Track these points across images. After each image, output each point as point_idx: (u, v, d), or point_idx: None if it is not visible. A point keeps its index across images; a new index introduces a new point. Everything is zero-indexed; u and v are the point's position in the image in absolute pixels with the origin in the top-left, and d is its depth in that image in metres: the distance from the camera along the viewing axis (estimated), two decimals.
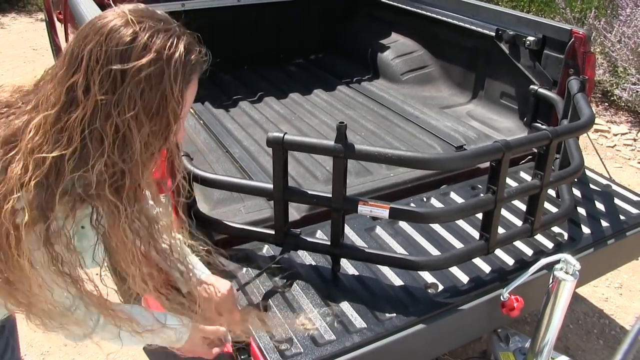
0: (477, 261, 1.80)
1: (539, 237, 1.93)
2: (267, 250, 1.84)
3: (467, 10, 2.98)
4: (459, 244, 1.89)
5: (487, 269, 1.79)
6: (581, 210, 2.12)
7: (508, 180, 2.08)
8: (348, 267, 1.77)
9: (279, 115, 3.00)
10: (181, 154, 1.17)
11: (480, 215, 1.73)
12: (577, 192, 2.24)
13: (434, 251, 1.85)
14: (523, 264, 1.79)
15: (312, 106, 3.13)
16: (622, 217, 2.10)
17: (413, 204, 2.11)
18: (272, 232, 1.75)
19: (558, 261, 1.64)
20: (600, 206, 2.16)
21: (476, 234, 1.88)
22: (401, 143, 2.66)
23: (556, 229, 1.98)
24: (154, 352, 1.37)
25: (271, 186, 1.67)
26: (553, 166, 1.85)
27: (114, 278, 1.26)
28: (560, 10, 5.72)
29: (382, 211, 1.58)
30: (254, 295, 1.64)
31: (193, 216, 1.66)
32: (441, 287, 1.70)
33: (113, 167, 0.96)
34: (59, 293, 1.05)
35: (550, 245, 1.92)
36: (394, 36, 3.70)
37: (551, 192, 2.13)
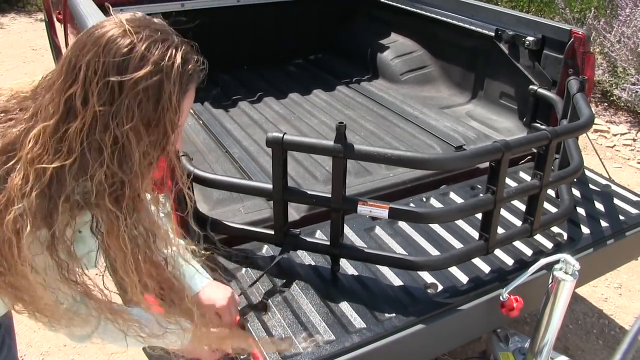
0: (477, 261, 1.80)
1: (539, 237, 1.93)
2: (266, 250, 1.84)
3: (467, 10, 2.98)
4: (458, 244, 1.89)
5: (486, 269, 1.79)
6: (581, 211, 2.12)
7: (507, 181, 2.08)
8: (347, 267, 1.77)
9: (278, 116, 3.00)
10: (181, 164, 1.17)
11: (479, 216, 1.73)
12: (576, 192, 2.24)
13: (434, 251, 1.85)
14: (522, 264, 1.79)
15: (311, 106, 3.13)
16: (621, 217, 2.10)
17: (412, 204, 2.11)
18: (272, 232, 1.75)
19: (557, 261, 1.64)
20: (599, 206, 2.16)
21: (476, 234, 1.88)
22: (400, 143, 2.66)
23: (556, 229, 1.98)
24: (154, 352, 1.37)
25: (270, 186, 1.67)
26: (552, 166, 1.85)
27: (114, 279, 1.26)
28: (560, 11, 5.72)
29: (381, 211, 1.58)
30: (253, 295, 1.64)
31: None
32: (440, 287, 1.70)
33: (112, 177, 0.97)
34: (62, 295, 1.06)
35: (549, 245, 1.92)
36: (394, 36, 3.70)
37: (551, 192, 2.13)
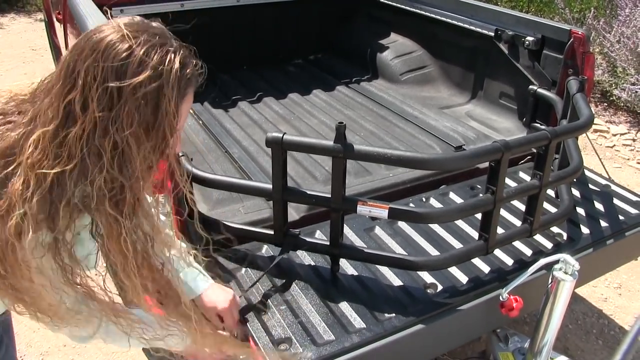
0: (476, 261, 1.80)
1: (538, 237, 1.93)
2: (266, 250, 1.84)
3: (466, 10, 2.98)
4: (458, 244, 1.89)
5: (486, 269, 1.79)
6: (580, 211, 2.12)
7: (507, 181, 2.08)
8: (347, 267, 1.77)
9: (278, 116, 3.00)
10: (181, 167, 1.18)
11: (479, 216, 1.73)
12: (576, 192, 2.24)
13: (433, 251, 1.85)
14: (522, 264, 1.79)
15: (311, 106, 3.13)
16: (621, 217, 2.10)
17: (412, 204, 2.11)
18: (271, 232, 1.75)
19: (557, 261, 1.64)
20: (599, 206, 2.16)
21: (475, 234, 1.88)
22: (400, 143, 2.66)
23: (555, 229, 1.98)
24: (157, 354, 1.38)
25: (270, 186, 1.67)
26: (552, 166, 1.85)
27: (114, 281, 1.26)
28: (559, 11, 5.73)
29: (381, 211, 1.58)
30: (253, 295, 1.64)
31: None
32: (440, 287, 1.70)
33: (112, 182, 0.97)
34: (64, 296, 1.06)
35: (549, 245, 1.92)
36: (393, 36, 3.70)
37: (550, 192, 2.13)
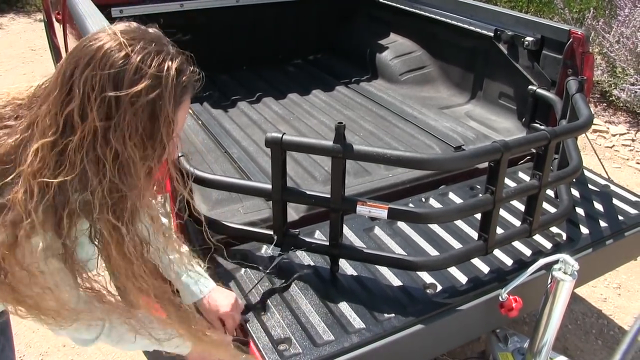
0: (476, 261, 1.80)
1: (538, 237, 1.93)
2: (265, 250, 1.84)
3: (466, 10, 2.98)
4: (457, 245, 1.89)
5: (485, 269, 1.79)
6: (580, 211, 2.12)
7: (506, 181, 2.08)
8: (347, 267, 1.77)
9: (277, 116, 3.00)
10: (180, 175, 1.19)
11: (478, 216, 1.73)
12: (575, 192, 2.24)
13: (433, 251, 1.85)
14: (521, 265, 1.79)
15: (310, 107, 3.13)
16: (620, 217, 2.10)
17: (412, 205, 2.11)
18: (271, 232, 1.75)
19: (556, 261, 1.64)
20: (598, 206, 2.16)
21: (475, 234, 1.88)
22: (400, 143, 2.66)
23: (555, 229, 1.98)
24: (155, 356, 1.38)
25: (270, 186, 1.67)
26: (551, 166, 1.85)
27: (115, 284, 1.27)
28: (559, 11, 5.73)
29: (380, 211, 1.58)
30: (252, 296, 1.64)
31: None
32: (440, 287, 1.70)
33: (113, 190, 0.98)
34: (66, 298, 1.07)
35: (548, 245, 1.92)
36: (393, 36, 3.70)
37: (550, 192, 2.13)
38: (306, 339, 1.49)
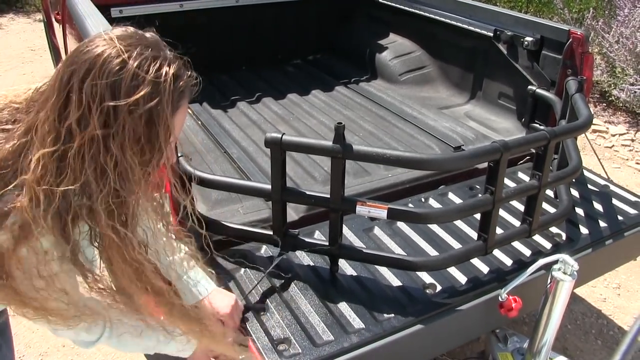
0: (475, 262, 1.80)
1: (537, 237, 1.93)
2: (265, 250, 1.84)
3: (465, 10, 2.98)
4: (457, 245, 1.89)
5: (485, 269, 1.79)
6: (579, 211, 2.12)
7: (506, 181, 2.08)
8: (346, 267, 1.77)
9: (277, 116, 3.00)
10: (177, 178, 1.19)
11: (478, 216, 1.73)
12: (575, 192, 2.24)
13: (432, 252, 1.85)
14: (521, 265, 1.79)
15: (310, 107, 3.13)
16: (620, 217, 2.10)
17: (411, 205, 2.11)
18: (271, 232, 1.75)
19: (556, 261, 1.64)
20: (598, 207, 2.16)
21: (474, 234, 1.88)
22: (399, 143, 2.66)
23: (554, 229, 1.98)
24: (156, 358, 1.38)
25: (269, 187, 1.67)
26: (551, 167, 1.85)
27: (115, 286, 1.27)
28: (558, 11, 5.73)
29: (380, 212, 1.58)
30: (252, 296, 1.64)
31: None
32: (439, 287, 1.70)
33: (112, 195, 0.98)
34: (72, 297, 1.08)
35: (548, 245, 1.92)
36: (392, 37, 3.71)
37: (549, 192, 2.14)
38: (306, 339, 1.49)
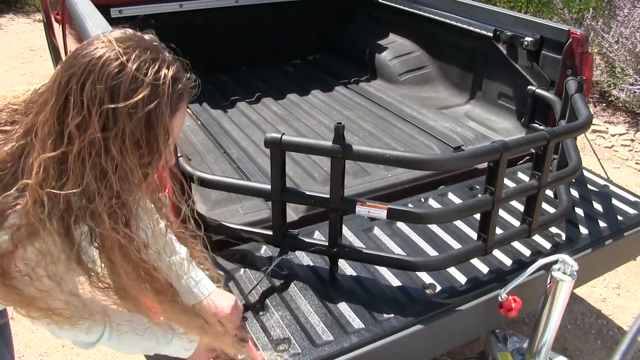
0: (475, 262, 1.80)
1: (537, 237, 1.93)
2: (265, 251, 1.84)
3: (465, 10, 2.98)
4: (456, 245, 1.89)
5: (484, 269, 1.79)
6: (579, 211, 2.12)
7: (506, 181, 2.08)
8: (346, 267, 1.77)
9: (276, 116, 3.00)
10: (177, 181, 1.20)
11: (478, 216, 1.73)
12: (574, 192, 2.24)
13: (432, 252, 1.85)
14: (521, 265, 1.80)
15: (309, 107, 3.13)
16: (619, 217, 2.10)
17: (411, 205, 2.11)
18: (270, 232, 1.75)
19: (556, 262, 1.64)
20: (597, 207, 2.16)
21: (474, 234, 1.88)
22: (399, 144, 2.66)
23: (554, 229, 1.99)
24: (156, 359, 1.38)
25: (269, 187, 1.67)
26: (551, 167, 1.85)
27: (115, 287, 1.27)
28: (558, 11, 5.73)
29: (380, 212, 1.58)
30: (251, 296, 1.64)
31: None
32: (439, 287, 1.70)
33: (113, 197, 0.98)
34: (72, 298, 1.09)
35: (548, 245, 1.92)
36: (392, 37, 3.71)
37: (549, 192, 2.14)
38: (305, 339, 1.49)
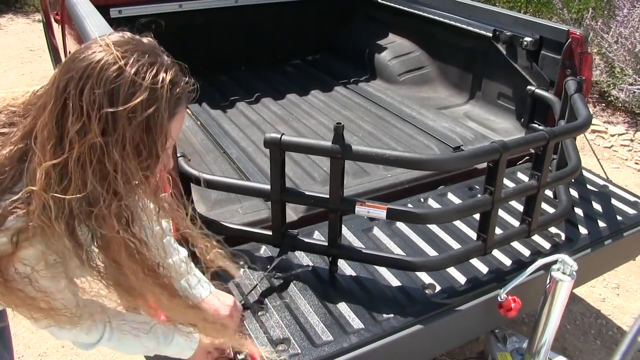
0: (475, 262, 1.80)
1: (536, 237, 1.93)
2: (264, 251, 1.83)
3: (464, 10, 2.98)
4: (456, 245, 1.89)
5: (484, 269, 1.79)
6: (578, 211, 2.12)
7: (505, 181, 2.08)
8: (345, 267, 1.77)
9: (276, 116, 3.00)
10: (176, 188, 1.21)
11: (477, 216, 1.73)
12: (574, 192, 2.24)
13: (432, 252, 1.85)
14: (520, 265, 1.80)
15: (309, 107, 3.13)
16: (619, 217, 2.10)
17: (410, 205, 2.11)
18: (270, 233, 1.75)
19: (555, 262, 1.64)
20: (597, 207, 2.17)
21: (473, 234, 1.88)
22: (398, 144, 2.66)
23: (553, 229, 1.99)
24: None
25: (268, 187, 1.67)
26: (550, 167, 1.85)
27: (115, 288, 1.27)
28: (558, 11, 5.73)
29: (379, 212, 1.58)
30: (251, 296, 1.64)
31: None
32: (438, 287, 1.70)
33: (112, 200, 0.99)
34: (71, 299, 1.10)
35: (547, 245, 1.92)
36: (391, 37, 3.71)
37: (548, 192, 2.14)
38: (305, 339, 1.49)
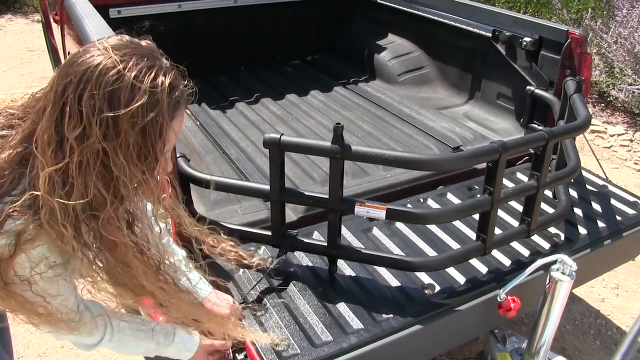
0: (474, 262, 1.80)
1: (536, 237, 1.93)
2: (264, 251, 1.83)
3: (464, 11, 2.98)
4: (455, 245, 1.89)
5: (483, 269, 1.79)
6: (578, 211, 2.12)
7: (505, 181, 2.08)
8: (345, 268, 1.77)
9: (275, 117, 3.00)
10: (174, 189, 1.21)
11: (477, 216, 1.73)
12: (573, 192, 2.24)
13: (431, 252, 1.85)
14: (520, 265, 1.80)
15: (308, 107, 3.13)
16: (618, 217, 2.10)
17: (410, 205, 2.11)
18: (269, 233, 1.75)
19: (555, 262, 1.64)
20: (596, 207, 2.17)
21: (473, 234, 1.88)
22: (398, 144, 2.66)
23: (553, 229, 1.99)
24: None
25: (268, 187, 1.67)
26: (549, 167, 1.85)
27: (115, 289, 1.27)
28: (557, 11, 5.73)
29: (378, 212, 1.58)
30: (250, 297, 1.63)
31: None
32: (438, 287, 1.70)
33: (112, 202, 0.99)
34: (71, 301, 1.10)
35: (546, 245, 1.92)
36: (391, 37, 3.71)
37: (548, 192, 2.14)
38: (304, 339, 1.49)
